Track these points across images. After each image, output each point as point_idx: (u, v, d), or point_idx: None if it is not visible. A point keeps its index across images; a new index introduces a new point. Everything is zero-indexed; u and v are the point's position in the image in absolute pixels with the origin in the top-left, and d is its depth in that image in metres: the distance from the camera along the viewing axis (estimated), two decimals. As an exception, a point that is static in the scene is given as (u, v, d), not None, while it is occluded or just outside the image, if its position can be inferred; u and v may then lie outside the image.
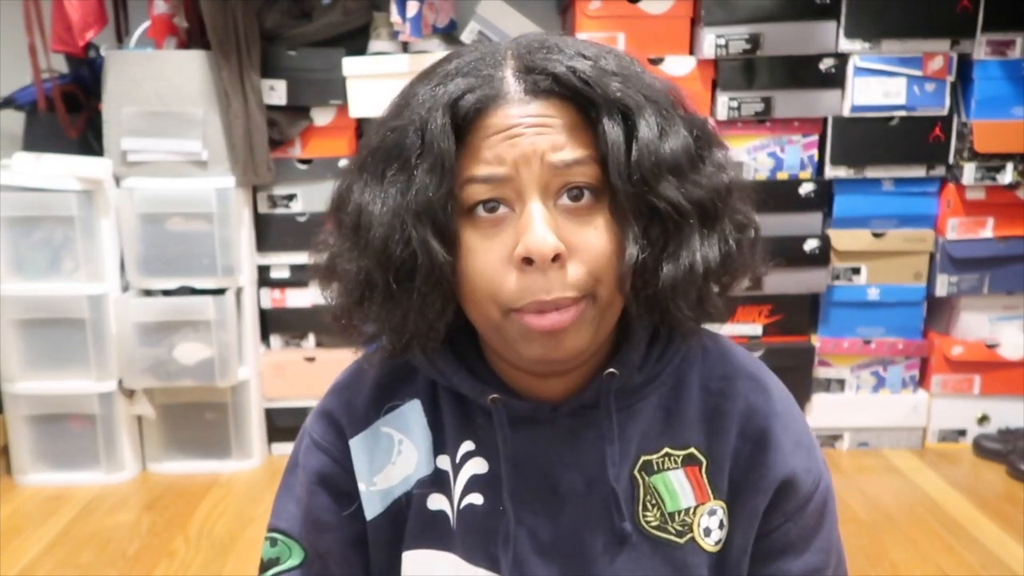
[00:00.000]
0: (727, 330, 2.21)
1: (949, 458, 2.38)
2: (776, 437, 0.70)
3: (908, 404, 2.44)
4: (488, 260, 0.60)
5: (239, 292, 2.31)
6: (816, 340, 2.41)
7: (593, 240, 0.60)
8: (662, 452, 0.70)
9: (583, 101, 0.60)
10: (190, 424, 2.36)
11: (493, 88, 0.60)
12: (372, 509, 0.72)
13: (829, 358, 2.42)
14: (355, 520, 0.73)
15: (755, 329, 2.36)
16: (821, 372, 2.43)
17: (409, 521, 0.72)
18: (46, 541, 1.99)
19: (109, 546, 1.96)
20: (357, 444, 0.73)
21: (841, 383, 2.44)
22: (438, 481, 0.71)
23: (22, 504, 2.18)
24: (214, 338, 2.24)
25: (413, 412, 0.72)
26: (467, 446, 0.71)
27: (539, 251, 0.58)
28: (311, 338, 2.46)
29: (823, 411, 2.43)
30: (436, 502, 0.71)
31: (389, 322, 0.64)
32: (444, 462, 0.71)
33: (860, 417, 2.44)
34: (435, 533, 0.71)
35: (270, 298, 2.42)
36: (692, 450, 0.70)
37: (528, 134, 0.59)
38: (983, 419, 2.44)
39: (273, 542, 0.77)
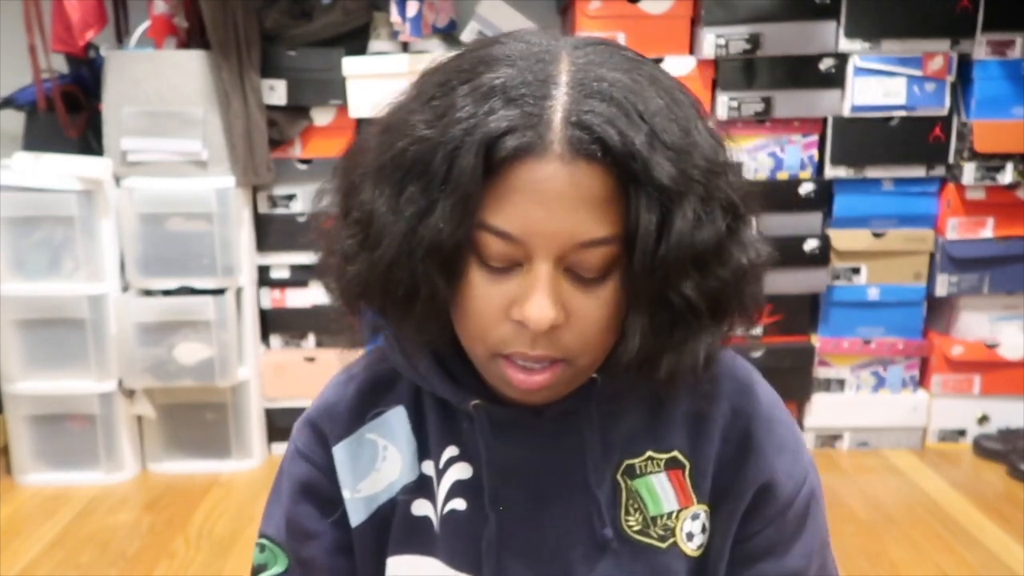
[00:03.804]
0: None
1: (949, 458, 2.38)
2: (758, 441, 0.69)
3: (908, 404, 2.44)
4: (487, 305, 0.59)
5: (239, 292, 2.31)
6: (816, 340, 2.40)
7: (592, 312, 0.59)
8: (645, 456, 0.69)
9: (625, 175, 0.55)
10: (190, 424, 2.36)
11: (536, 133, 0.54)
12: (356, 516, 0.72)
13: (829, 358, 2.42)
14: (339, 528, 0.73)
15: (755, 329, 2.36)
16: (821, 372, 2.42)
17: (393, 527, 0.71)
18: (46, 541, 1.99)
19: (109, 546, 1.97)
20: (341, 451, 0.72)
21: (841, 383, 2.43)
22: (422, 487, 0.71)
23: (22, 504, 2.18)
24: (214, 338, 2.24)
25: (397, 419, 0.72)
26: (451, 451, 0.70)
27: (536, 324, 0.57)
28: (311, 338, 2.46)
29: (823, 411, 2.42)
30: (420, 508, 0.71)
31: (384, 330, 0.65)
32: (428, 467, 0.71)
33: (860, 417, 2.44)
34: (419, 539, 0.71)
35: (270, 298, 2.42)
36: (675, 453, 0.69)
37: (556, 207, 0.55)
38: (983, 419, 2.44)
39: (261, 548, 0.77)
